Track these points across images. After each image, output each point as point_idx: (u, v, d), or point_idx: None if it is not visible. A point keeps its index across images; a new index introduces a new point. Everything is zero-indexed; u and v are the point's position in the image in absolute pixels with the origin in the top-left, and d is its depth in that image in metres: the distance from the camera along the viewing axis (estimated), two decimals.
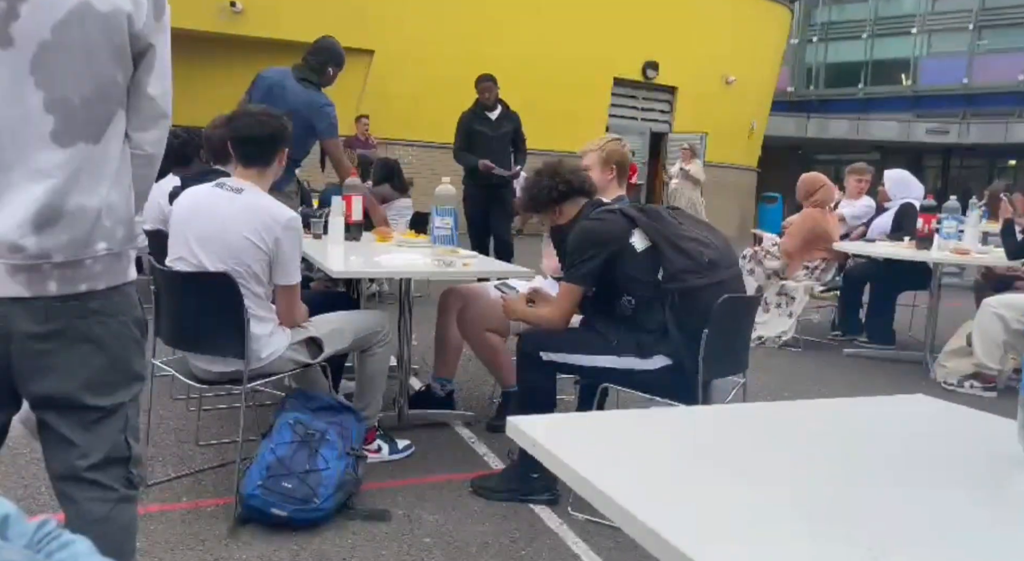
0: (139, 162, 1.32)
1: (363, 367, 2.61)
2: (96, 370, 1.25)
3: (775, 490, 0.81)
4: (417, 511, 2.34)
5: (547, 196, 2.52)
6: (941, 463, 0.91)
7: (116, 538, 1.31)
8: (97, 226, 1.22)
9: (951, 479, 0.86)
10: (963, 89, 24.86)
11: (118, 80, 1.24)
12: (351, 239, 3.47)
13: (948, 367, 4.18)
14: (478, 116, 5.72)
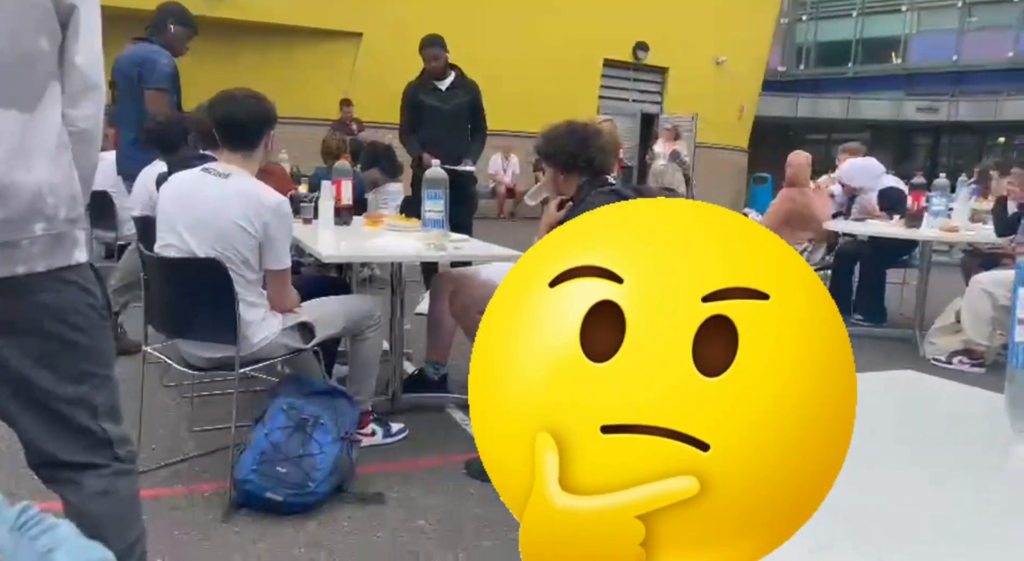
0: (74, 139, 1.22)
1: (356, 352, 2.61)
2: (45, 359, 1.19)
3: None
4: (412, 494, 2.35)
5: (562, 159, 2.48)
6: (930, 437, 0.92)
7: (121, 510, 1.30)
8: (35, 205, 1.13)
9: (940, 453, 0.86)
10: (953, 67, 24.83)
11: (43, 46, 1.14)
12: (341, 224, 3.45)
13: (937, 344, 4.21)
14: (424, 86, 4.69)
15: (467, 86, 4.74)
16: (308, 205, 3.50)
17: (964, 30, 25.07)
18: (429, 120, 4.63)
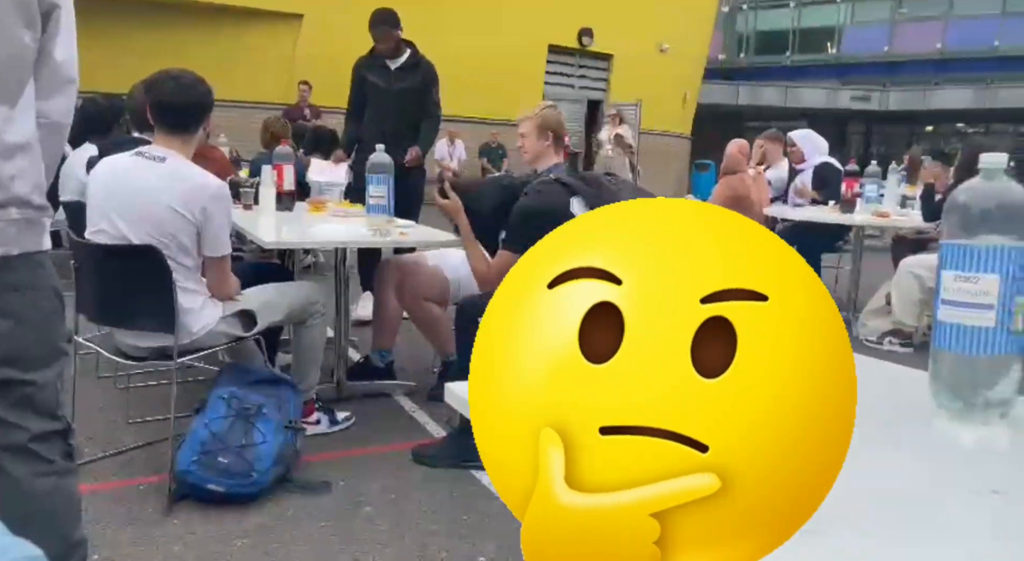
0: (45, 131, 1.26)
1: (299, 339, 2.57)
2: (19, 343, 1.21)
3: None
4: (358, 482, 2.34)
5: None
6: (859, 414, 0.95)
7: (66, 508, 1.30)
8: (11, 190, 1.17)
9: (868, 428, 0.90)
10: (884, 57, 25.65)
11: (27, 42, 1.18)
12: (283, 209, 3.39)
13: (869, 325, 4.38)
14: (373, 64, 4.24)
15: (421, 68, 4.27)
16: (249, 190, 3.42)
17: (895, 21, 25.90)
18: (373, 100, 4.25)
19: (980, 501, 0.69)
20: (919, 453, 0.84)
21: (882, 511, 0.68)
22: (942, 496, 0.72)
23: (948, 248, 0.93)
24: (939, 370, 0.94)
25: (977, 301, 0.91)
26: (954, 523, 0.67)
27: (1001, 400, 0.91)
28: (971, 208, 0.91)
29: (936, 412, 0.92)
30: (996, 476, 0.76)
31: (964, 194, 0.93)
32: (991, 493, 0.70)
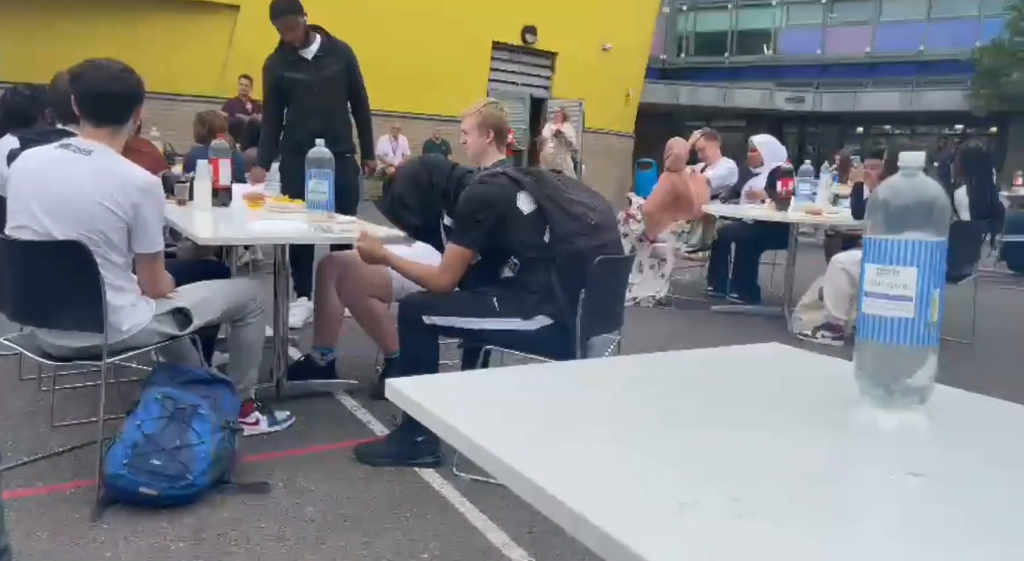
0: None
1: (236, 337, 2.51)
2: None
3: (647, 436, 0.85)
4: (298, 482, 2.30)
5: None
6: (789, 402, 0.99)
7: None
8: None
9: (797, 415, 0.93)
10: (817, 60, 26.47)
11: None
12: (219, 205, 3.30)
13: (803, 319, 4.52)
14: (286, 59, 3.90)
15: (339, 52, 3.94)
16: (183, 185, 3.32)
17: (827, 25, 26.74)
18: (296, 99, 3.90)
19: (897, 481, 0.73)
20: (843, 437, 0.87)
21: (805, 491, 0.70)
22: (862, 477, 0.75)
23: (870, 243, 0.97)
24: (863, 359, 0.98)
25: (897, 293, 0.95)
26: (872, 502, 0.70)
27: (920, 387, 0.95)
28: (891, 204, 0.95)
29: (860, 399, 0.96)
30: (914, 458, 0.80)
31: (885, 191, 0.97)
32: (908, 474, 0.73)
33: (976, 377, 3.59)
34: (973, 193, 4.44)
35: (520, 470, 0.72)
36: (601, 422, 0.90)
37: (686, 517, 0.63)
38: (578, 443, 0.82)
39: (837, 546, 0.60)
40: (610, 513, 0.62)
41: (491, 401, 0.96)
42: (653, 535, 0.60)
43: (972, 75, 21.82)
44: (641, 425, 0.89)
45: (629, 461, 0.77)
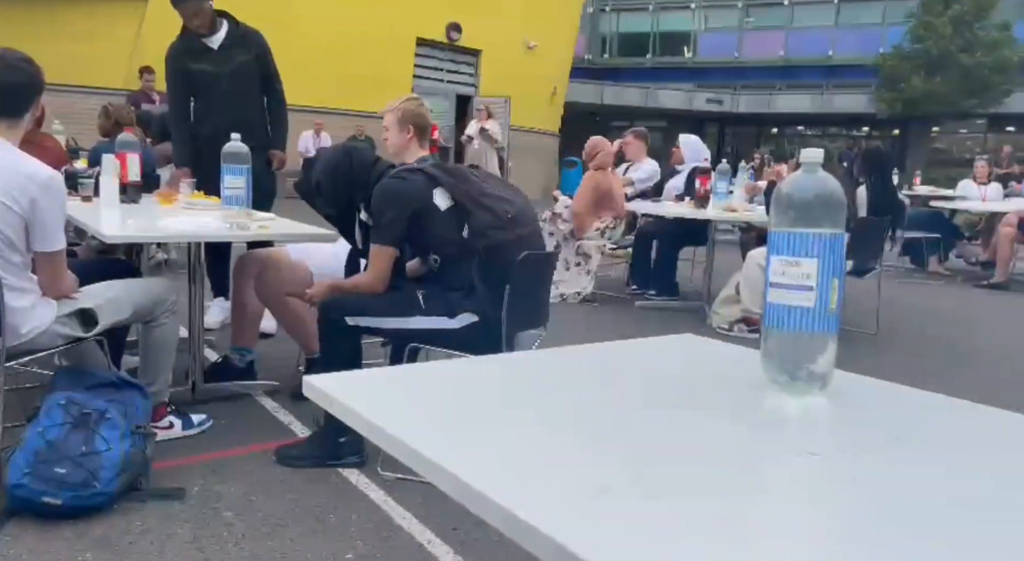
0: None
1: (147, 339, 2.41)
2: None
3: (565, 426, 0.86)
4: (216, 486, 2.23)
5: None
6: (699, 389, 1.02)
7: None
8: None
9: (707, 402, 0.96)
10: (735, 62, 27.37)
11: None
12: (128, 202, 3.17)
13: (721, 313, 4.66)
14: (190, 49, 3.63)
15: (248, 40, 3.68)
16: (88, 181, 3.17)
17: (743, 29, 27.67)
18: (203, 92, 3.64)
19: (797, 461, 0.76)
20: (748, 421, 0.91)
21: (711, 472, 0.73)
22: (764, 457, 0.79)
23: (774, 236, 1.01)
24: (768, 347, 1.02)
25: (800, 283, 0.99)
26: (771, 480, 0.73)
27: (822, 373, 0.99)
28: (793, 199, 0.99)
29: (766, 385, 1.00)
30: (814, 440, 0.84)
31: (788, 186, 1.01)
32: (808, 454, 0.77)
33: (879, 365, 3.80)
34: (873, 191, 4.68)
35: (442, 464, 0.72)
36: (521, 414, 0.91)
37: (599, 501, 0.65)
38: (498, 435, 0.82)
39: (738, 522, 0.62)
40: (530, 503, 0.63)
41: (412, 397, 0.96)
42: (568, 521, 0.61)
43: (876, 80, 22.98)
44: (559, 415, 0.90)
45: (548, 451, 0.78)
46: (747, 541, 0.59)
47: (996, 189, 7.89)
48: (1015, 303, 6.04)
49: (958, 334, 4.90)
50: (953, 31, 21.04)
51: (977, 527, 0.62)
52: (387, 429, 0.81)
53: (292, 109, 4.01)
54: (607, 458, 0.76)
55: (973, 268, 7.33)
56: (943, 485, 0.72)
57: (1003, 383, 3.77)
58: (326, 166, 2.50)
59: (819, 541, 0.61)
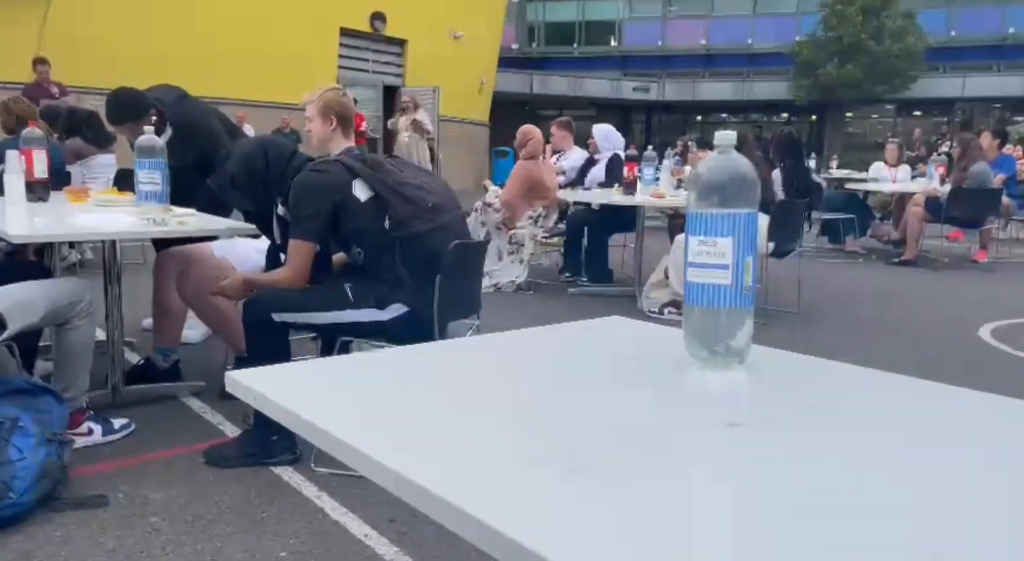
0: None
1: (61, 342, 2.31)
2: None
3: (495, 410, 0.87)
4: (142, 491, 2.15)
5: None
6: (624, 368, 1.04)
7: None
8: None
9: (632, 379, 0.99)
10: (660, 51, 27.87)
11: None
12: (36, 200, 3.02)
13: (652, 297, 4.76)
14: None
15: (193, 142, 3.25)
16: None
17: (666, 18, 28.18)
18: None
19: (717, 432, 0.79)
20: (671, 396, 0.93)
21: (635, 446, 0.74)
22: (686, 430, 0.81)
23: (692, 217, 1.04)
24: (689, 325, 1.05)
25: (716, 262, 1.02)
26: (693, 451, 0.75)
27: (739, 348, 1.02)
28: (707, 180, 1.02)
29: (688, 361, 1.02)
30: (732, 411, 0.87)
31: (702, 168, 1.04)
32: (727, 425, 0.80)
33: (801, 341, 3.95)
34: (787, 174, 4.84)
35: (373, 456, 0.71)
36: (451, 401, 0.91)
37: (522, 479, 0.66)
38: (429, 423, 0.82)
39: (660, 492, 0.64)
40: (461, 487, 0.63)
41: (341, 389, 0.94)
42: (498, 501, 0.61)
43: (793, 67, 23.79)
44: (487, 399, 0.91)
45: (475, 435, 0.78)
46: (671, 512, 0.61)
47: (906, 171, 8.28)
48: (923, 278, 6.37)
49: (873, 308, 5.14)
50: (863, 20, 21.93)
51: (890, 492, 0.66)
52: (317, 423, 0.80)
53: (214, 101, 3.87)
54: (537, 439, 0.77)
55: (886, 246, 7.68)
56: (857, 451, 0.75)
57: (915, 353, 3.98)
58: (241, 159, 2.42)
59: (740, 510, 0.63)
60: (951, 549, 0.56)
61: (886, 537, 0.57)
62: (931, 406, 0.92)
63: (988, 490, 0.67)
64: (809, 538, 0.57)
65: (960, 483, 0.68)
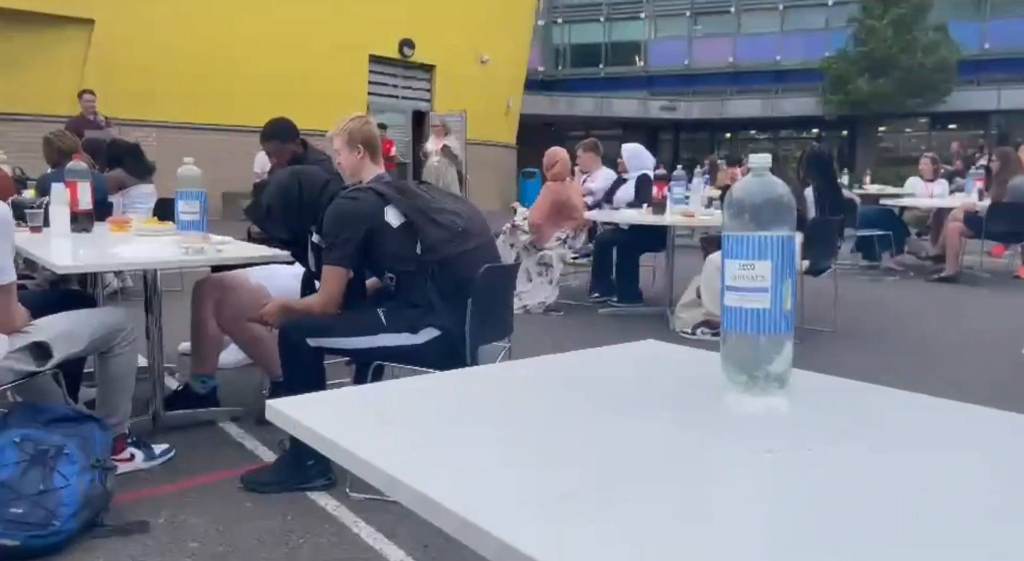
0: None
1: (104, 370, 2.35)
2: None
3: (530, 437, 0.86)
4: (181, 517, 2.18)
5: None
6: (661, 394, 1.03)
7: None
8: None
9: (668, 405, 0.98)
10: (686, 70, 27.86)
11: None
12: (80, 230, 3.10)
13: (683, 318, 4.72)
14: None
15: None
16: (36, 211, 3.09)
17: (692, 37, 28.20)
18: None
19: (758, 460, 0.78)
20: (709, 423, 0.92)
21: (672, 474, 0.74)
22: (724, 458, 0.80)
23: (728, 240, 1.03)
24: (727, 349, 1.04)
25: (755, 286, 1.01)
26: (731, 480, 0.74)
27: (779, 373, 1.01)
28: (744, 203, 1.01)
29: (727, 386, 1.01)
30: (772, 438, 0.85)
31: (738, 191, 1.03)
32: (767, 452, 0.79)
33: (839, 362, 3.88)
34: (818, 191, 4.79)
35: (407, 482, 0.72)
36: (485, 427, 0.91)
37: (562, 509, 0.65)
38: (463, 450, 0.82)
39: (701, 523, 0.63)
40: (496, 515, 0.63)
41: (376, 416, 0.95)
42: (535, 529, 0.61)
43: (823, 82, 23.59)
44: (523, 426, 0.91)
45: (513, 463, 0.78)
46: (709, 540, 0.60)
47: (943, 185, 8.14)
48: (966, 295, 6.23)
49: (914, 328, 5.04)
50: (893, 34, 21.71)
51: (933, 521, 0.64)
52: (351, 449, 0.81)
53: (246, 130, 4.02)
54: (572, 465, 0.77)
55: (924, 263, 7.53)
56: (904, 479, 0.74)
57: (958, 373, 3.88)
58: (276, 190, 2.48)
59: (778, 538, 0.62)
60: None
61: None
62: (980, 431, 0.90)
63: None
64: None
65: (1018, 515, 0.66)
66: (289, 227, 2.49)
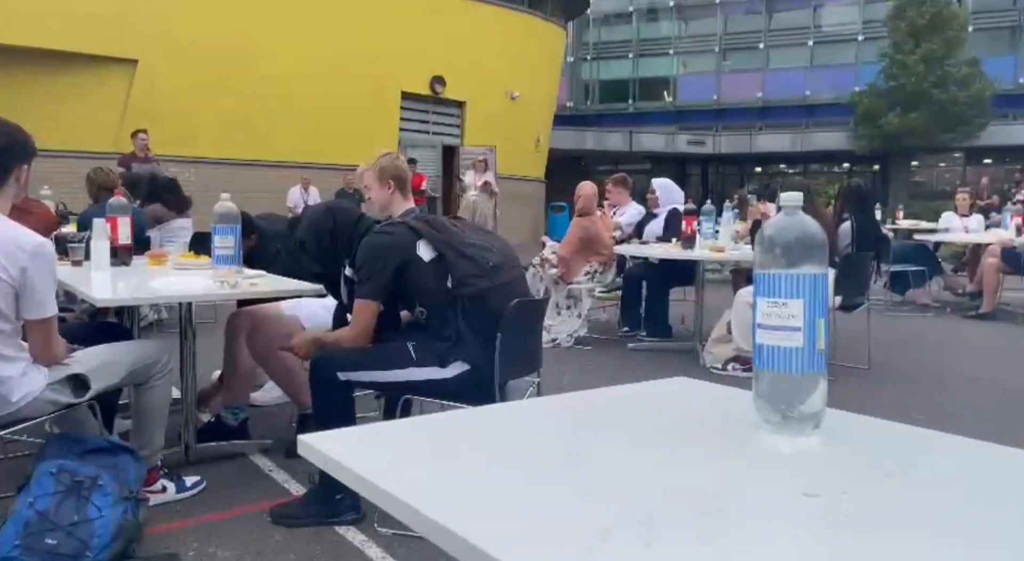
0: None
1: (139, 401, 2.39)
2: None
3: (561, 474, 0.86)
4: (211, 549, 2.19)
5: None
6: (693, 433, 1.02)
7: None
8: None
9: (701, 445, 0.97)
10: (714, 105, 27.95)
11: None
12: (119, 264, 3.17)
13: (714, 353, 4.66)
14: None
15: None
16: (78, 245, 3.18)
17: (721, 72, 28.34)
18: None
19: (795, 503, 0.76)
20: (743, 463, 0.91)
21: (709, 516, 0.73)
22: (761, 500, 0.79)
23: (760, 277, 1.03)
24: (760, 388, 1.03)
25: (787, 324, 1.00)
26: (770, 523, 0.73)
27: (813, 412, 1.00)
28: (776, 241, 1.01)
29: (760, 425, 1.00)
30: (808, 480, 0.84)
31: (770, 229, 1.03)
32: (803, 495, 0.77)
33: (873, 401, 3.80)
34: (856, 227, 4.74)
35: (436, 519, 0.72)
36: (516, 464, 0.90)
37: (601, 550, 0.65)
38: (494, 487, 0.82)
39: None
40: (529, 554, 0.63)
41: (406, 451, 0.95)
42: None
43: (853, 117, 23.47)
44: (555, 464, 0.90)
45: (545, 501, 0.78)
46: None
47: (978, 220, 8.01)
48: (1003, 332, 6.08)
49: (950, 365, 4.92)
50: (925, 69, 21.59)
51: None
52: (380, 485, 0.81)
53: (280, 165, 4.09)
54: (605, 505, 0.76)
55: (960, 299, 7.38)
56: (938, 522, 0.72)
57: (997, 412, 3.78)
58: (310, 226, 2.54)
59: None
60: None
61: None
62: (1021, 474, 0.88)
63: None
64: None
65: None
66: (323, 261, 2.53)
